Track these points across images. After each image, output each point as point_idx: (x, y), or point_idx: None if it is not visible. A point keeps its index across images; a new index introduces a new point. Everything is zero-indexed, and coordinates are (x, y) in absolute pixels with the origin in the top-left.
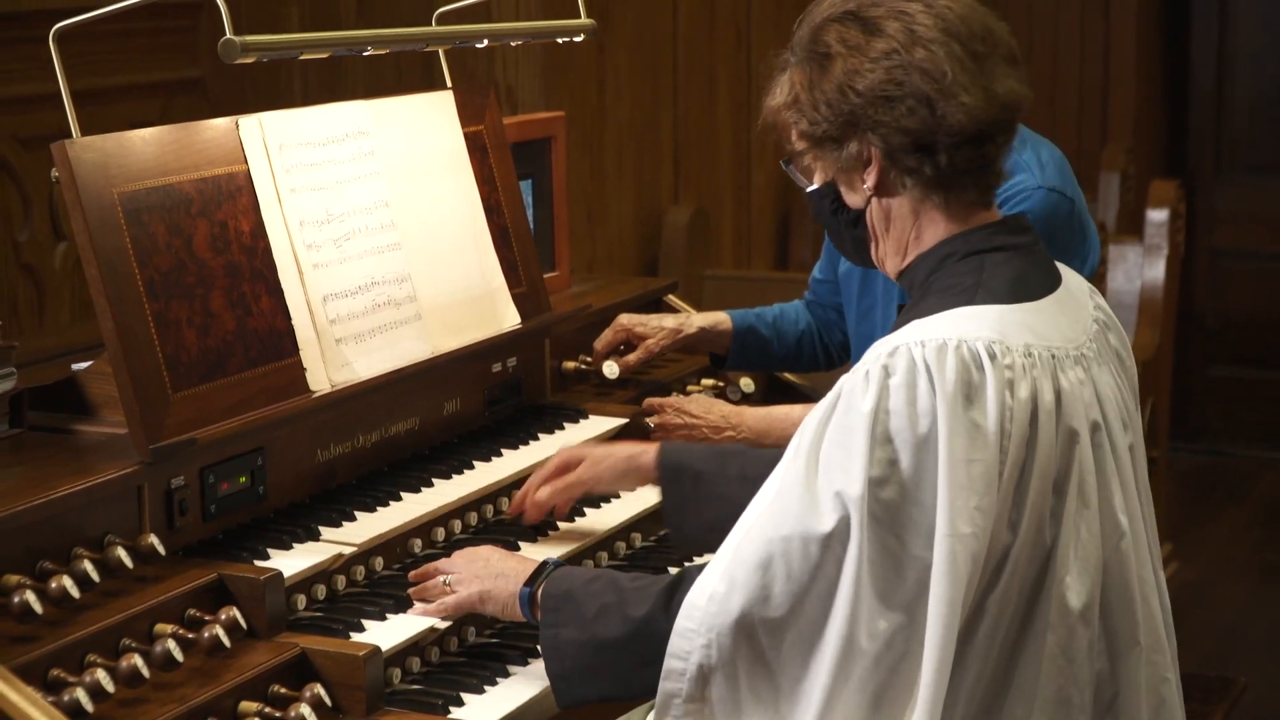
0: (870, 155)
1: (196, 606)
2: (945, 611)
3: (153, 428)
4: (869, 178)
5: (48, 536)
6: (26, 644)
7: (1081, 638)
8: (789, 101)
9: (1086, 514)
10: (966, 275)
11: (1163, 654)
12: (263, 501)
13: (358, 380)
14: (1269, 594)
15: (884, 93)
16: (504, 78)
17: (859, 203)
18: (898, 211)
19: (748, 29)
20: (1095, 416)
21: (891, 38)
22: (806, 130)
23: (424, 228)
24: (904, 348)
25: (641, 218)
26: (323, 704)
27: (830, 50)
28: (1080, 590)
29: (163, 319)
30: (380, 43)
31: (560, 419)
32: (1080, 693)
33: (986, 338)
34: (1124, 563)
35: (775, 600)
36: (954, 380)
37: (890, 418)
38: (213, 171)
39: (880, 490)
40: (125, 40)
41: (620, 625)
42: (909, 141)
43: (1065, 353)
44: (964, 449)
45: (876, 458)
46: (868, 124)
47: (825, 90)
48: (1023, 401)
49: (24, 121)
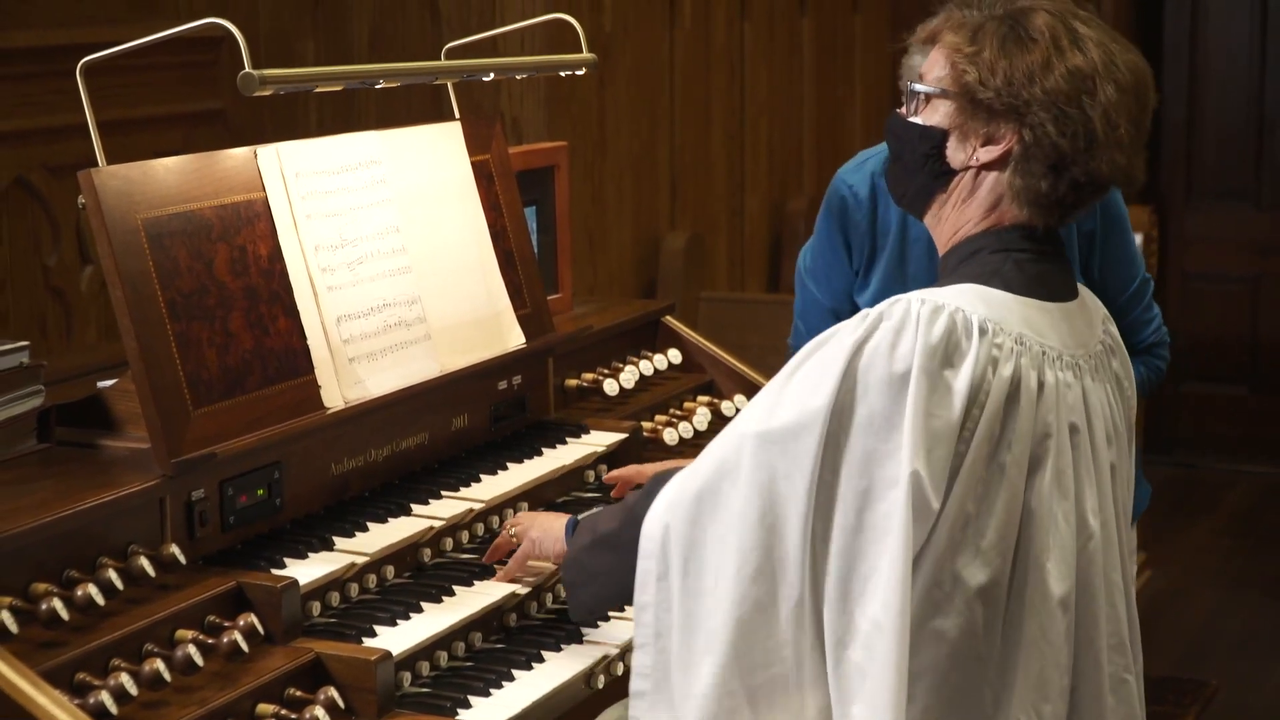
0: (1007, 139)
1: (216, 613)
2: (898, 544)
3: (174, 442)
4: (986, 153)
5: (74, 546)
6: (54, 649)
7: (1060, 623)
8: (970, 49)
9: (1064, 505)
10: (989, 265)
11: (1124, 655)
12: (279, 513)
13: (370, 397)
14: (1238, 600)
15: (1061, 105)
16: (509, 109)
17: (959, 163)
18: (985, 191)
19: (740, 65)
20: (1076, 419)
21: (1093, 62)
22: (970, 84)
23: (433, 252)
24: (905, 300)
25: (640, 243)
26: (336, 706)
27: (1036, 35)
28: (1060, 578)
29: (184, 339)
30: (391, 76)
31: (563, 434)
32: (1060, 676)
33: (983, 314)
34: (1090, 563)
35: (724, 490)
36: (939, 338)
37: (871, 354)
38: (232, 198)
39: (843, 415)
40: (149, 74)
41: (615, 517)
42: (1050, 155)
43: (1058, 354)
44: (928, 402)
45: (844, 386)
46: (1029, 119)
47: (1014, 66)
48: (1003, 379)
49: (53, 151)
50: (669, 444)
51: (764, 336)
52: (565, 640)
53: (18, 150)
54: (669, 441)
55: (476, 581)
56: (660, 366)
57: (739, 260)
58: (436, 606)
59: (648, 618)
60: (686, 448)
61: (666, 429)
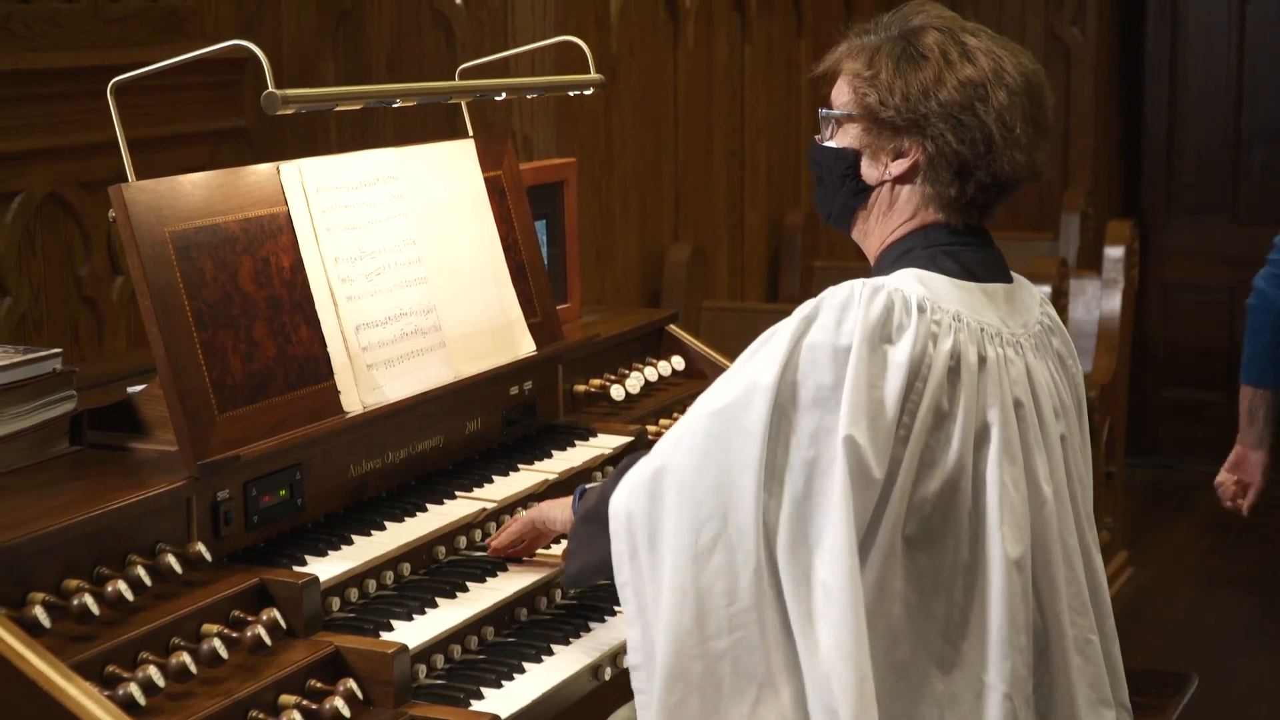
0: (912, 152)
1: (240, 608)
2: (840, 510)
3: (200, 445)
4: (896, 167)
5: (105, 544)
6: (85, 642)
7: (1017, 583)
8: (868, 74)
9: (1014, 470)
10: (922, 257)
11: (1086, 617)
12: (301, 512)
13: (387, 402)
14: (1216, 596)
15: (958, 115)
16: (521, 128)
17: (874, 179)
18: (903, 202)
19: (741, 86)
20: (1020, 394)
21: (983, 71)
22: (872, 105)
23: (448, 263)
24: (849, 284)
25: (645, 255)
26: (355, 697)
27: (927, 53)
28: (1015, 540)
29: (210, 346)
30: (408, 96)
31: (572, 437)
32: (1017, 634)
33: (921, 294)
34: (1046, 527)
35: (679, 464)
36: (879, 315)
37: (817, 332)
38: (256, 212)
39: (790, 390)
40: (177, 93)
41: (596, 495)
42: (953, 162)
43: (996, 331)
44: (869, 375)
45: (791, 362)
46: (929, 131)
47: (909, 84)
48: (943, 354)
49: (85, 167)
50: None
51: None
52: (573, 634)
53: (52, 166)
54: None
55: (489, 578)
56: (664, 372)
57: (739, 272)
58: (451, 602)
59: (629, 594)
60: None
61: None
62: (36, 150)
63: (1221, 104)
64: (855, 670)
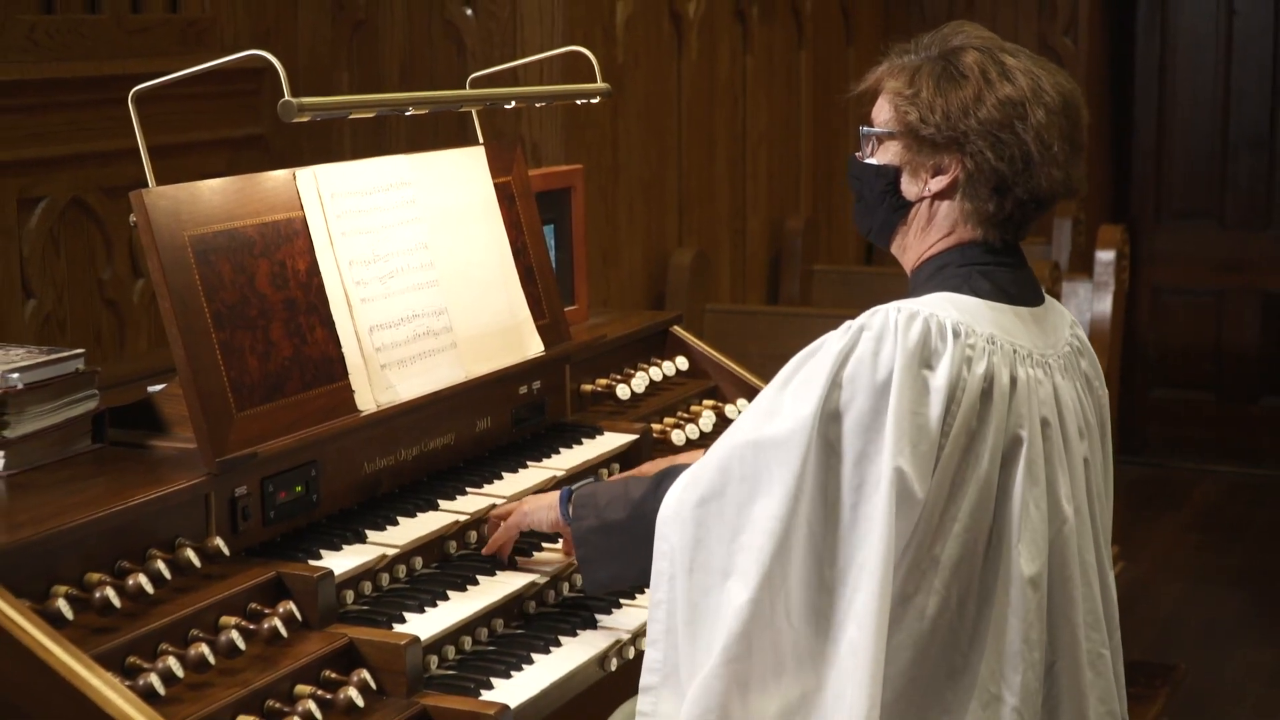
0: (952, 169)
1: (257, 601)
2: (881, 538)
3: (219, 443)
4: (936, 184)
5: (126, 539)
6: (106, 634)
7: (1031, 600)
8: (909, 92)
9: (1035, 491)
10: (956, 276)
11: (1100, 631)
12: (316, 508)
13: (400, 401)
14: (1203, 590)
15: (997, 133)
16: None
17: (913, 195)
18: (941, 218)
19: (743, 96)
20: (1048, 414)
21: (1021, 90)
22: (913, 122)
23: (459, 267)
24: (884, 310)
25: (649, 259)
26: (368, 687)
27: (967, 72)
28: (1031, 559)
29: (228, 347)
30: (420, 104)
31: (579, 435)
32: (1030, 650)
33: (955, 318)
34: (1066, 546)
35: (726, 494)
36: (916, 342)
37: (856, 363)
38: (273, 217)
39: (832, 420)
40: (196, 102)
41: (624, 508)
42: (992, 179)
43: (1028, 352)
44: (912, 401)
45: (832, 393)
46: (969, 148)
47: (949, 102)
48: (978, 377)
49: (107, 173)
50: (677, 444)
51: (763, 345)
52: (581, 626)
53: (75, 172)
54: (677, 442)
55: (499, 572)
56: (669, 373)
57: (741, 275)
58: (461, 595)
59: (660, 614)
60: (693, 448)
61: (674, 430)
62: (60, 157)
63: (1209, 112)
64: (868, 698)
